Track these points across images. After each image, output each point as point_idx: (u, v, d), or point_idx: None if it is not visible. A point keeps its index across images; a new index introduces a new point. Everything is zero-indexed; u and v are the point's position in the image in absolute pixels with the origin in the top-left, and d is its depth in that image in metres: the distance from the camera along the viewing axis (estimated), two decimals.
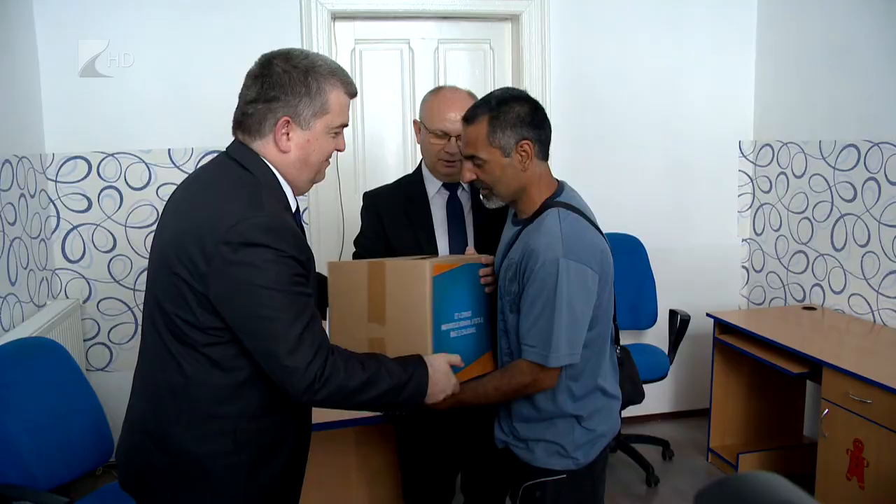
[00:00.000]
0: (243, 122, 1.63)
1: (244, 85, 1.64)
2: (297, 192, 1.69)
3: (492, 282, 2.01)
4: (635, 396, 2.19)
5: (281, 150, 1.61)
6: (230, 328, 1.53)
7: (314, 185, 1.76)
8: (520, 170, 1.87)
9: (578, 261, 1.80)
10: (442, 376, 1.76)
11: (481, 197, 2.00)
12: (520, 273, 1.85)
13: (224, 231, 1.48)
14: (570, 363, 1.84)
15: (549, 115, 1.94)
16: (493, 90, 1.96)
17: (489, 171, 1.89)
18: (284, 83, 1.58)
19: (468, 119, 1.91)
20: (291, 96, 1.59)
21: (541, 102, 1.95)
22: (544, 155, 1.92)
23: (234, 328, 1.53)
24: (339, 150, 1.72)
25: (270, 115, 1.59)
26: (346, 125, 1.70)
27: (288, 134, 1.61)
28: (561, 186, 1.96)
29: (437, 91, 2.35)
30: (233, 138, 1.67)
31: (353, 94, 1.68)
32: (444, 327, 1.86)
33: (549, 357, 1.80)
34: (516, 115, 1.86)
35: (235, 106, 1.66)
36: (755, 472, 0.90)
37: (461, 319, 1.91)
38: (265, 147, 1.62)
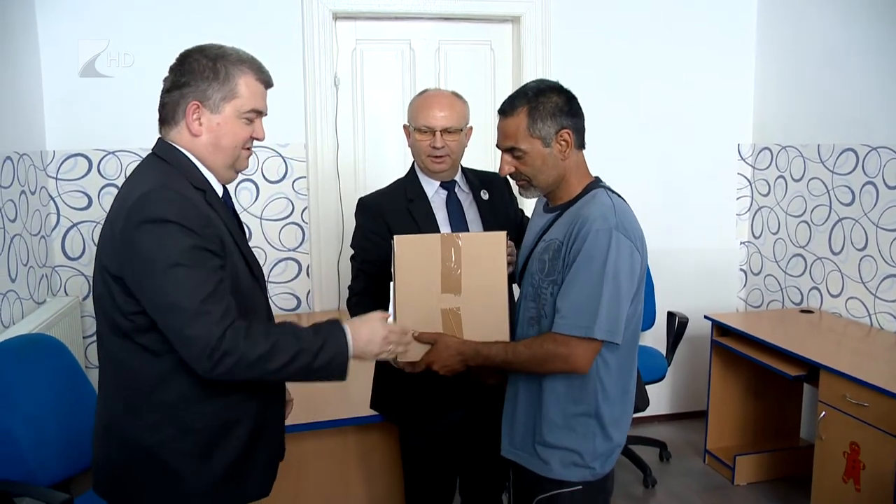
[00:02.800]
0: (162, 114, 1.72)
1: (163, 80, 1.72)
2: (221, 180, 1.74)
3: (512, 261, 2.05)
4: (641, 403, 2.15)
5: (193, 133, 1.67)
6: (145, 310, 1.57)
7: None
8: (560, 159, 1.87)
9: (628, 237, 1.79)
10: (363, 326, 1.70)
11: (518, 189, 1.98)
12: (567, 244, 1.80)
13: (126, 212, 1.54)
14: (610, 340, 1.76)
15: None
16: (527, 82, 1.94)
17: (529, 163, 1.87)
18: (194, 69, 1.66)
19: (505, 111, 1.89)
20: (200, 81, 1.66)
21: None
22: (580, 144, 1.91)
23: (146, 307, 1.55)
24: (257, 139, 1.76)
25: (182, 100, 1.67)
26: (263, 113, 1.75)
27: (200, 119, 1.67)
28: (598, 178, 1.97)
29: (422, 92, 2.40)
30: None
31: (266, 82, 1.74)
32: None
33: (592, 328, 1.72)
34: (554, 105, 1.84)
35: None
36: None
37: None
38: (180, 134, 1.69)
